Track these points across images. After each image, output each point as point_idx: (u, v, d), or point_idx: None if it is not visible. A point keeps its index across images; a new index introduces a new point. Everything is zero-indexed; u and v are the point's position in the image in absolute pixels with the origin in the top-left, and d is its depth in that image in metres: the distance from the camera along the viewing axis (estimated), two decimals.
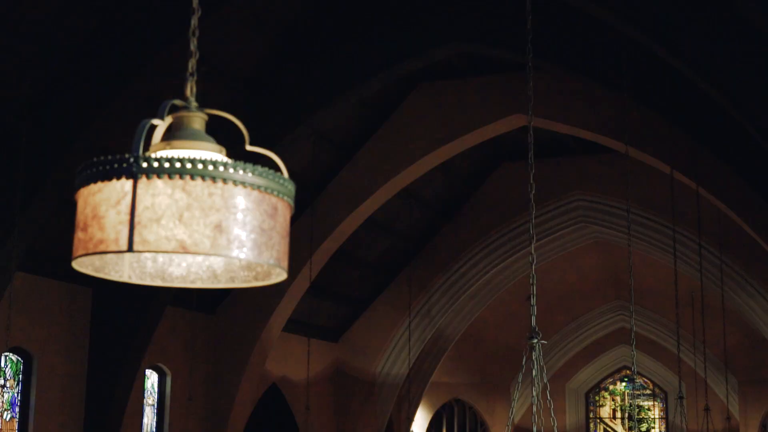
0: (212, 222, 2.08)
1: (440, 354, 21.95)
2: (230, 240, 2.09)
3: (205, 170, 2.09)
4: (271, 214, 2.16)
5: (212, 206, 2.09)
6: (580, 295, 23.71)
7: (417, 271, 19.70)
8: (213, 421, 15.87)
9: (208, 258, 2.37)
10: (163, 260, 2.37)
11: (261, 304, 16.11)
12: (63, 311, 13.08)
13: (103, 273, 2.32)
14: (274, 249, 2.16)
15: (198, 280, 2.38)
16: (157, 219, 2.07)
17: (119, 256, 2.33)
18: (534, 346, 4.66)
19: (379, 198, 16.30)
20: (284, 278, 2.30)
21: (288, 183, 2.21)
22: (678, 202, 13.79)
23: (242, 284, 2.36)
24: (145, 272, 2.38)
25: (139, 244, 2.06)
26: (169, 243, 2.06)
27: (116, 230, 2.08)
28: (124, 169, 2.10)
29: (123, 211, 2.08)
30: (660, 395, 25.98)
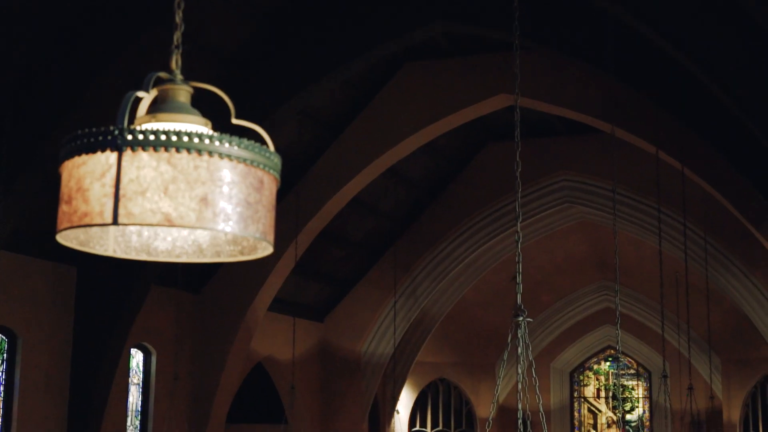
0: (198, 195, 2.07)
1: (425, 334, 22.01)
2: (216, 213, 2.08)
3: (190, 143, 2.08)
4: (257, 187, 2.15)
5: (198, 179, 2.07)
6: (565, 275, 23.78)
7: (402, 250, 19.70)
8: (198, 400, 15.88)
9: (194, 232, 2.35)
10: (148, 234, 2.36)
11: (246, 283, 16.11)
12: (48, 290, 13.04)
13: (87, 247, 2.30)
14: (260, 223, 2.15)
15: (183, 255, 2.37)
16: (142, 192, 2.05)
17: (104, 230, 2.31)
18: (519, 323, 4.67)
19: (365, 178, 16.29)
20: (270, 252, 2.29)
21: (274, 156, 2.20)
22: (663, 183, 13.82)
23: (228, 258, 2.35)
24: (130, 246, 2.36)
25: (124, 217, 2.04)
26: (154, 216, 2.04)
27: (101, 203, 2.06)
28: (109, 142, 2.08)
29: (108, 184, 2.07)
30: (644, 375, 26.12)
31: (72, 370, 13.27)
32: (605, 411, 26.51)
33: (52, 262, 13.07)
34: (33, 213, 12.18)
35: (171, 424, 13.58)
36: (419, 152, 17.08)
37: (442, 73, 15.81)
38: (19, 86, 11.01)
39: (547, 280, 23.36)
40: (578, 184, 18.76)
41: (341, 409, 20.04)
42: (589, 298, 24.76)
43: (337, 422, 20.04)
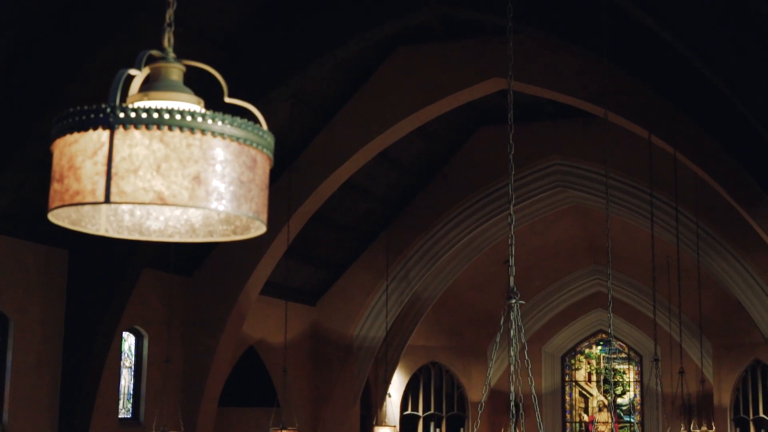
0: (190, 173, 2.05)
1: (417, 317, 22.04)
2: (209, 192, 2.07)
3: (183, 121, 2.06)
4: (251, 166, 2.13)
5: (190, 157, 2.06)
6: (556, 259, 23.81)
7: (394, 234, 19.71)
8: (191, 383, 15.89)
9: (186, 211, 2.34)
10: (140, 213, 2.34)
11: (238, 267, 16.10)
12: (39, 273, 13.01)
13: (79, 226, 2.28)
14: (254, 201, 2.14)
15: (176, 234, 2.36)
16: (135, 170, 2.04)
17: (96, 209, 2.30)
18: (512, 306, 4.66)
19: (357, 161, 16.27)
20: (263, 232, 2.28)
21: (267, 135, 2.19)
22: (655, 168, 13.83)
23: (221, 238, 2.34)
24: (122, 226, 2.35)
25: (117, 196, 2.03)
26: (146, 194, 2.03)
27: (93, 181, 2.05)
28: (101, 119, 2.06)
29: (100, 162, 2.05)
30: (635, 359, 26.20)
31: (64, 353, 13.25)
32: (596, 395, 26.59)
33: (44, 245, 13.04)
34: (24, 196, 12.15)
35: (163, 408, 13.58)
36: (412, 136, 17.06)
37: (435, 56, 15.78)
38: (11, 67, 10.95)
39: (538, 264, 23.39)
40: (570, 169, 18.76)
41: (333, 393, 20.07)
42: (580, 282, 24.81)
43: (329, 405, 20.08)
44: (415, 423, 24.76)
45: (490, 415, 24.00)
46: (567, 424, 26.58)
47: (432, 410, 25.01)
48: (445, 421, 25.18)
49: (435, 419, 25.04)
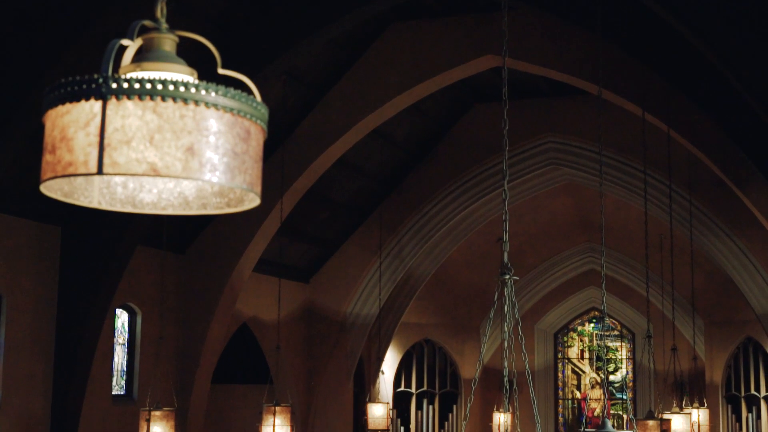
0: (184, 145, 2.04)
1: (410, 295, 22.07)
2: (202, 163, 2.05)
3: (176, 92, 2.05)
4: (244, 137, 2.12)
5: (184, 128, 2.05)
6: (550, 237, 23.84)
7: (388, 212, 19.71)
8: (184, 360, 15.91)
9: (180, 184, 2.33)
10: (133, 186, 2.33)
11: (232, 244, 16.09)
12: (32, 250, 12.98)
13: (72, 198, 2.27)
14: (247, 173, 2.12)
15: (169, 207, 2.34)
16: (128, 141, 2.02)
17: (88, 181, 2.28)
18: (506, 281, 4.66)
19: (350, 138, 16.23)
20: (257, 204, 2.26)
21: (261, 107, 2.17)
22: (649, 145, 13.82)
23: (215, 211, 2.32)
24: (115, 198, 2.33)
25: (109, 167, 2.01)
26: (139, 165, 2.02)
27: (85, 152, 2.03)
28: (93, 90, 2.05)
29: (92, 133, 2.03)
30: (627, 336, 26.29)
31: (57, 330, 13.24)
32: (589, 372, 26.69)
33: (36, 221, 13.01)
34: (16, 172, 12.10)
35: (156, 384, 13.59)
36: (405, 113, 17.03)
37: (428, 33, 15.73)
38: (2, 41, 10.89)
39: (532, 242, 23.42)
40: (564, 146, 18.75)
41: (326, 370, 20.11)
42: (573, 260, 24.86)
43: (323, 382, 20.13)
44: (408, 400, 24.84)
45: (483, 392, 24.09)
46: (559, 401, 26.69)
47: (425, 387, 25.09)
48: (438, 397, 25.26)
49: (428, 396, 25.12)
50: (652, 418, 10.19)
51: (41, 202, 12.74)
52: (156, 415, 11.72)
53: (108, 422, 14.31)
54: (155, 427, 11.65)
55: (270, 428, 13.28)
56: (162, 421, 11.72)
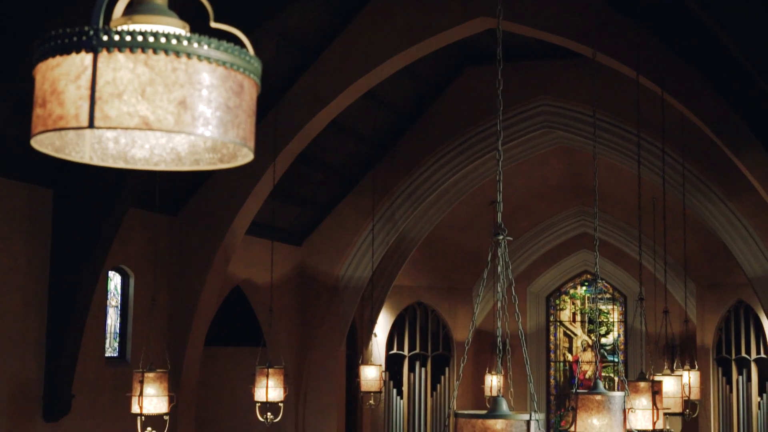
0: (176, 98, 2.01)
1: (403, 258, 22.10)
2: (195, 117, 2.03)
3: (168, 44, 2.02)
4: (237, 91, 2.09)
5: (176, 82, 2.02)
6: (542, 200, 23.86)
7: (381, 175, 19.68)
8: (177, 322, 15.93)
9: (172, 139, 2.30)
10: (125, 141, 2.30)
11: (224, 206, 16.07)
12: (23, 212, 12.94)
13: (63, 153, 2.24)
14: (241, 128, 2.10)
15: (162, 163, 2.32)
16: (119, 94, 2.00)
17: (80, 136, 2.26)
18: (500, 242, 4.66)
19: (343, 101, 16.17)
20: (251, 159, 2.24)
21: (254, 60, 2.14)
22: (643, 109, 13.79)
23: (208, 167, 2.30)
24: (106, 153, 2.30)
25: (101, 120, 1.99)
26: (131, 119, 1.99)
27: (76, 106, 2.00)
28: (84, 43, 2.02)
29: (83, 86, 2.01)
30: (619, 299, 26.39)
31: (49, 293, 13.23)
32: (581, 335, 26.82)
33: (28, 183, 12.95)
34: (7, 134, 12.03)
35: (149, 346, 13.61)
36: (398, 76, 16.95)
37: None
38: None
39: (524, 205, 23.44)
40: (557, 109, 18.71)
41: (319, 332, 20.17)
42: (566, 223, 24.90)
43: (315, 345, 20.19)
44: (401, 362, 24.95)
45: (475, 355, 24.19)
46: (551, 363, 26.83)
47: (417, 350, 25.19)
48: (430, 360, 25.37)
49: (420, 358, 25.23)
50: (643, 379, 10.24)
51: (33, 165, 12.69)
52: (149, 376, 11.75)
53: (101, 384, 14.35)
54: (148, 389, 11.68)
55: (263, 390, 13.34)
56: (155, 383, 11.75)
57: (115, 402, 14.05)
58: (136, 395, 11.72)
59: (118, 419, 14.17)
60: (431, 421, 25.04)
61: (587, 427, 6.66)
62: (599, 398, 6.67)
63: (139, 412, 11.69)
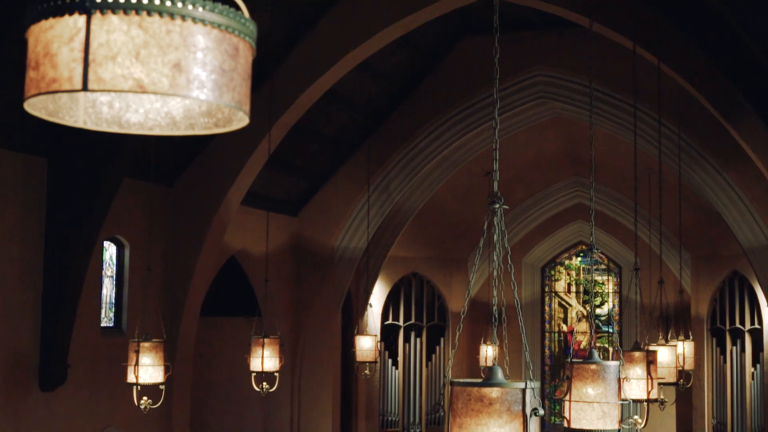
0: (171, 61, 1.99)
1: (398, 228, 22.10)
2: (190, 80, 2.01)
3: (162, 6, 1.99)
4: (232, 54, 2.07)
5: (170, 44, 1.99)
6: (538, 171, 23.85)
7: (376, 145, 19.64)
8: (172, 292, 15.94)
9: (167, 104, 2.28)
10: (119, 106, 2.28)
11: (219, 177, 16.03)
12: (18, 182, 12.90)
13: (56, 118, 2.22)
14: (236, 91, 2.08)
15: (156, 127, 2.29)
16: (113, 57, 1.97)
17: (73, 100, 2.23)
18: (495, 210, 4.65)
19: (339, 71, 16.09)
20: (246, 123, 2.22)
21: (249, 23, 2.12)
22: (639, 79, 13.74)
23: (203, 131, 2.28)
24: (101, 118, 2.28)
25: (94, 83, 1.97)
26: (125, 82, 1.97)
27: (70, 68, 1.98)
28: (77, 4, 1.99)
29: (76, 49, 1.98)
30: (614, 270, 26.44)
31: (45, 263, 13.21)
32: (575, 305, 26.89)
33: (22, 153, 12.91)
34: (1, 103, 11.97)
35: (145, 316, 13.62)
36: (394, 46, 16.88)
37: None
38: None
39: (520, 176, 23.43)
40: (553, 80, 18.65)
41: (315, 303, 20.20)
42: (562, 194, 24.91)
43: (311, 315, 20.22)
44: (396, 332, 25.01)
45: (470, 325, 24.26)
46: (546, 334, 26.92)
47: (413, 320, 25.26)
48: (425, 330, 25.44)
49: (415, 329, 25.30)
50: (638, 349, 10.27)
51: (27, 134, 12.64)
52: (145, 346, 11.76)
53: (97, 354, 14.37)
54: (144, 358, 11.70)
55: (258, 360, 13.36)
56: (151, 353, 11.77)
57: (111, 372, 14.08)
58: (132, 365, 11.73)
59: (113, 389, 14.20)
60: (426, 390, 25.14)
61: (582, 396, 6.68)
62: (594, 367, 6.69)
63: (135, 382, 11.70)
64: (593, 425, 6.66)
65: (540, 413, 4.18)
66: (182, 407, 16.28)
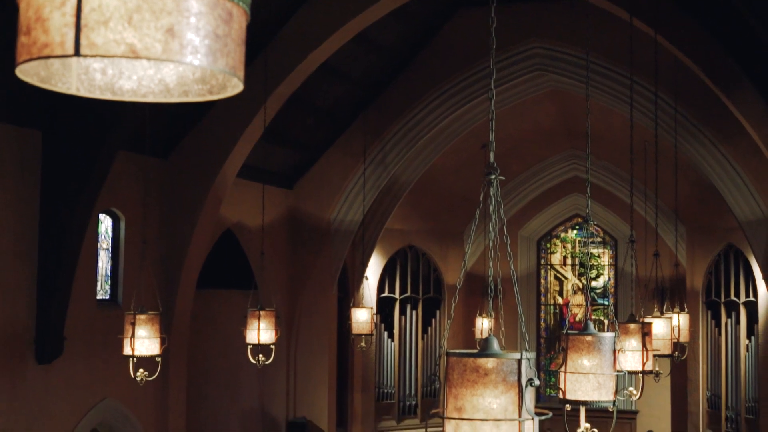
0: (164, 25, 1.97)
1: (394, 201, 22.09)
2: (183, 45, 1.98)
3: None
4: (226, 19, 2.05)
5: (163, 9, 1.97)
6: (534, 143, 23.82)
7: (372, 117, 19.60)
8: (168, 265, 15.94)
9: (160, 70, 2.26)
10: (112, 72, 2.25)
11: (215, 149, 16.00)
12: (12, 155, 12.86)
13: (49, 84, 2.20)
14: (230, 57, 2.06)
15: (150, 94, 2.27)
16: (105, 21, 1.95)
17: (66, 66, 2.21)
18: (492, 181, 4.63)
19: (334, 43, 16.02)
20: (240, 90, 2.20)
21: None
22: (636, 51, 13.70)
23: (197, 98, 2.26)
24: (93, 85, 2.26)
25: (87, 48, 1.94)
26: (118, 47, 1.95)
27: (61, 33, 1.96)
28: None
29: (68, 13, 1.96)
30: (610, 243, 26.47)
31: (40, 236, 13.20)
32: (571, 278, 26.94)
33: (17, 126, 12.86)
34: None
35: (141, 289, 13.63)
36: (390, 17, 16.80)
37: None
38: None
39: (516, 149, 23.40)
40: (550, 52, 18.59)
41: (310, 275, 20.21)
42: (557, 166, 24.90)
43: (307, 288, 20.25)
44: (392, 305, 25.06)
45: (466, 298, 24.30)
46: (542, 306, 26.98)
47: (408, 293, 25.29)
48: (421, 303, 25.49)
49: (411, 301, 25.35)
50: (633, 321, 10.30)
51: (21, 106, 12.58)
52: (141, 318, 11.77)
53: (93, 326, 14.39)
54: (140, 331, 11.71)
55: (254, 332, 13.38)
56: (147, 325, 11.78)
57: (107, 344, 14.10)
58: (128, 337, 11.74)
59: (110, 361, 14.23)
60: (422, 363, 25.22)
61: (577, 368, 6.70)
62: (590, 339, 6.70)
63: (131, 354, 11.72)
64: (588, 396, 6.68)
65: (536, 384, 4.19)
66: (178, 379, 16.33)
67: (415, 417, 24.91)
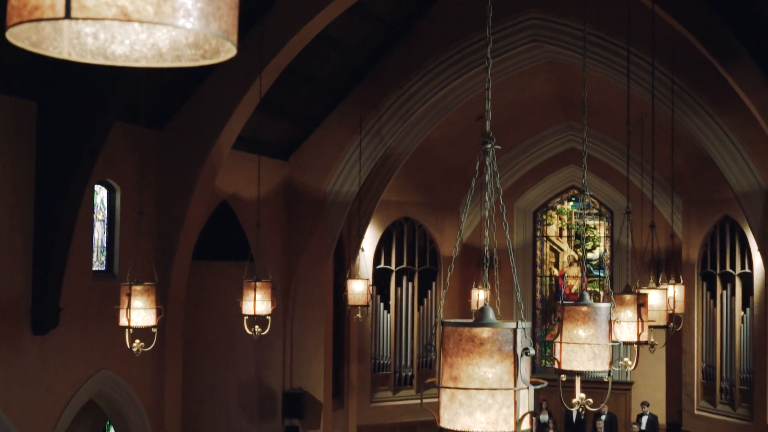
0: None
1: (390, 173, 22.06)
2: (175, 8, 1.96)
3: None
4: None
5: None
6: (531, 115, 23.76)
7: (368, 89, 19.53)
8: (164, 236, 15.92)
9: (153, 35, 2.23)
10: (104, 37, 2.22)
11: (211, 120, 15.94)
12: (7, 126, 12.81)
13: (40, 48, 2.17)
14: (223, 20, 2.03)
15: (142, 59, 2.25)
16: None
17: (57, 30, 2.18)
18: (488, 151, 4.61)
19: (330, 14, 15.94)
20: (234, 54, 2.18)
21: None
22: (633, 23, 13.64)
23: (190, 63, 2.23)
24: (85, 49, 2.23)
25: (77, 11, 1.92)
26: (109, 9, 1.92)
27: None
28: None
29: None
30: (606, 214, 26.47)
31: (35, 207, 13.16)
32: (567, 250, 26.95)
33: (12, 97, 12.80)
34: None
35: (137, 260, 13.60)
36: None
37: None
38: None
39: (513, 120, 23.35)
40: (547, 23, 18.51)
41: (307, 247, 20.20)
42: (554, 138, 24.86)
43: (303, 259, 20.24)
44: (388, 277, 25.07)
45: (462, 270, 24.32)
46: (537, 278, 27.01)
47: (404, 264, 25.31)
48: (417, 275, 25.51)
49: (407, 273, 25.37)
50: (629, 292, 10.30)
51: (16, 77, 12.51)
52: (137, 289, 11.75)
53: (89, 297, 14.39)
54: (136, 302, 11.70)
55: (251, 303, 13.38)
56: (143, 296, 11.77)
57: (103, 315, 14.10)
58: (124, 308, 11.73)
59: (106, 332, 14.23)
60: (418, 334, 25.27)
61: (573, 338, 6.70)
62: (585, 309, 6.70)
63: (127, 325, 11.71)
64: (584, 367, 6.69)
65: (531, 353, 4.18)
66: (174, 350, 16.36)
67: (410, 388, 25.00)
